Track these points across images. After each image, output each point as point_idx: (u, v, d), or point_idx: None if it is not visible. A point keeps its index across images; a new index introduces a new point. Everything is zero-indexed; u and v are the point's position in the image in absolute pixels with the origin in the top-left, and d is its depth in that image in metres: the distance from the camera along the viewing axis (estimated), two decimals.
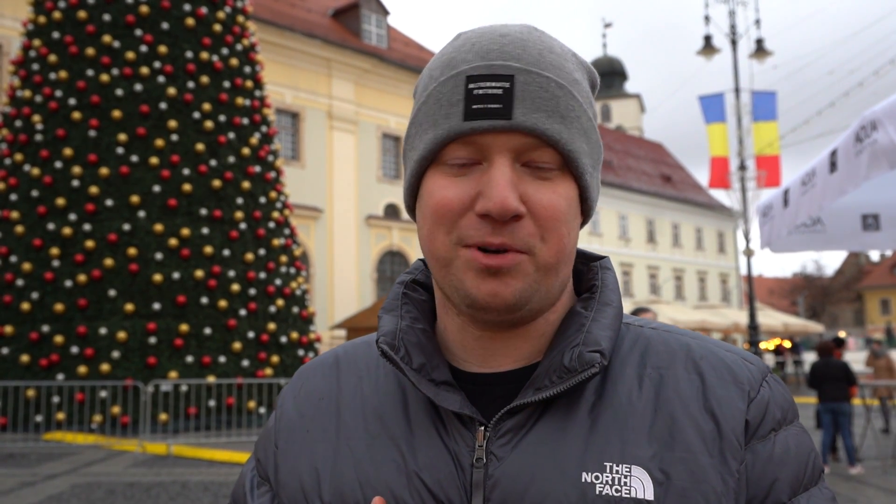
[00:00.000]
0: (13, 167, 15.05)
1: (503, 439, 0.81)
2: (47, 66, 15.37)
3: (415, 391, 0.88)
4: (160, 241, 14.44)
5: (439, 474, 0.81)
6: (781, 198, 5.31)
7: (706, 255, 59.67)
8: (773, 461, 0.81)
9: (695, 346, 0.87)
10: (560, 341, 0.84)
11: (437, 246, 0.82)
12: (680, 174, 63.69)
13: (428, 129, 0.83)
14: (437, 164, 0.83)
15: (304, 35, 30.11)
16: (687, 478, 0.78)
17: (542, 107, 0.79)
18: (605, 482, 0.77)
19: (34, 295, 13.98)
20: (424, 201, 0.83)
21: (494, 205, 0.77)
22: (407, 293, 0.93)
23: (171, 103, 15.23)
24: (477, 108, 0.79)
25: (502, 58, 0.80)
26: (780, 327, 28.48)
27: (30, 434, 12.90)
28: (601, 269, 0.93)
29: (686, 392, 0.83)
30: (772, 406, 0.84)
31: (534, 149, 0.80)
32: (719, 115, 23.04)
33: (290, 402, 0.96)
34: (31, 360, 13.60)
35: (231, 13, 16.76)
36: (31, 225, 14.49)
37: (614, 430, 0.81)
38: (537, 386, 0.82)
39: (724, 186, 22.98)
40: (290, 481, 0.89)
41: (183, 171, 14.94)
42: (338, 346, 1.00)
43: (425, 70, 0.88)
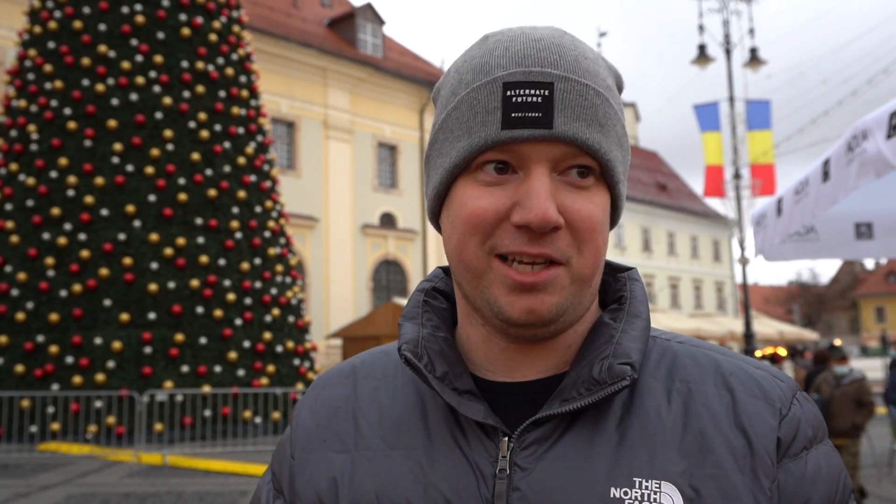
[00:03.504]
0: (8, 177, 15.04)
1: (528, 450, 0.80)
2: (43, 76, 15.38)
3: (434, 400, 0.86)
4: (155, 250, 14.43)
5: (458, 484, 0.80)
6: (775, 206, 5.33)
7: (701, 263, 59.74)
8: (806, 481, 0.80)
9: (724, 361, 0.86)
10: (589, 353, 0.83)
11: (468, 257, 0.80)
12: (675, 183, 63.81)
13: (461, 136, 0.80)
14: (470, 172, 0.81)
15: (299, 45, 30.16)
16: (718, 495, 0.76)
17: (581, 115, 0.78)
18: (635, 498, 0.76)
19: (29, 305, 13.95)
20: (455, 211, 0.81)
21: (535, 216, 0.75)
22: (427, 301, 0.92)
23: (167, 113, 15.24)
24: (516, 117, 0.77)
25: (540, 64, 0.78)
26: (776, 335, 28.51)
27: (24, 444, 12.85)
28: (629, 280, 0.91)
29: (716, 408, 0.81)
30: (803, 424, 0.82)
31: (572, 157, 0.79)
32: (714, 123, 23.12)
33: (307, 412, 0.94)
34: (25, 371, 13.56)
35: (227, 23, 16.79)
36: (26, 234, 14.47)
37: (643, 444, 0.79)
38: (564, 397, 0.81)
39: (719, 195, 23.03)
40: (306, 492, 0.87)
41: (178, 181, 14.94)
42: (354, 357, 0.99)
43: (451, 73, 0.86)
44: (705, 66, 23.33)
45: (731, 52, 22.64)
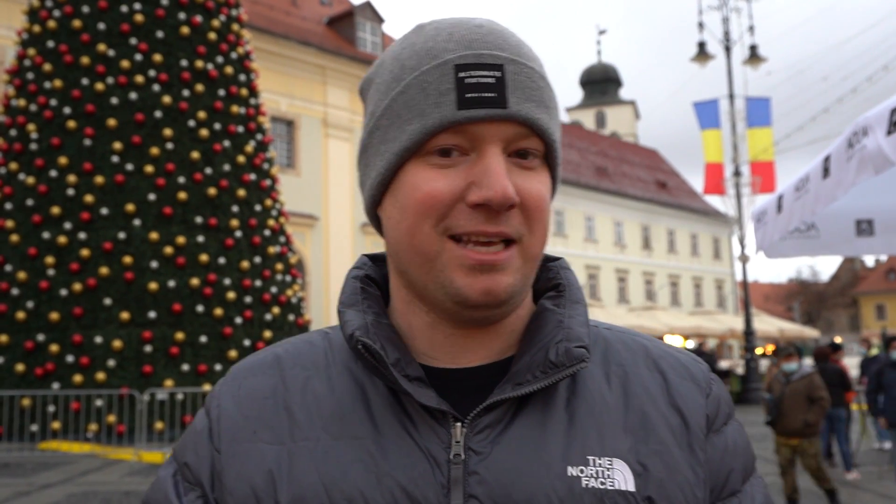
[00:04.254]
0: (8, 176, 15.03)
1: (482, 434, 0.81)
2: (42, 75, 15.37)
3: (375, 389, 0.85)
4: (155, 249, 14.42)
5: (413, 472, 0.79)
6: (775, 203, 5.33)
7: (701, 261, 59.75)
8: (728, 452, 0.87)
9: (650, 346, 0.92)
10: (539, 337, 0.85)
11: (420, 240, 0.80)
12: (675, 180, 63.79)
13: (412, 118, 0.80)
14: (420, 155, 0.81)
15: (299, 43, 30.15)
16: (663, 469, 0.81)
17: (531, 97, 0.80)
18: (590, 475, 0.79)
19: (29, 304, 13.95)
20: (407, 194, 0.81)
21: (496, 193, 0.76)
22: (364, 288, 0.91)
23: (167, 112, 15.23)
24: (471, 97, 0.78)
25: (488, 47, 0.80)
26: (776, 333, 28.50)
27: (25, 443, 12.86)
28: (561, 269, 0.94)
29: (652, 389, 0.86)
30: (722, 402, 0.90)
31: (523, 138, 0.80)
32: (714, 121, 23.13)
33: (230, 402, 0.89)
34: (26, 370, 13.56)
35: (226, 22, 16.78)
36: (26, 234, 14.47)
37: (592, 424, 0.82)
38: (517, 381, 0.82)
39: (719, 192, 23.05)
40: (238, 486, 0.83)
41: (178, 180, 14.93)
42: (273, 346, 0.95)
43: (388, 61, 0.86)
44: (705, 64, 23.33)
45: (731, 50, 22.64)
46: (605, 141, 61.29)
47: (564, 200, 49.34)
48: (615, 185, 54.53)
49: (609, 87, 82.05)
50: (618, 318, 24.26)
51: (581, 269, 49.81)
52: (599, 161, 56.18)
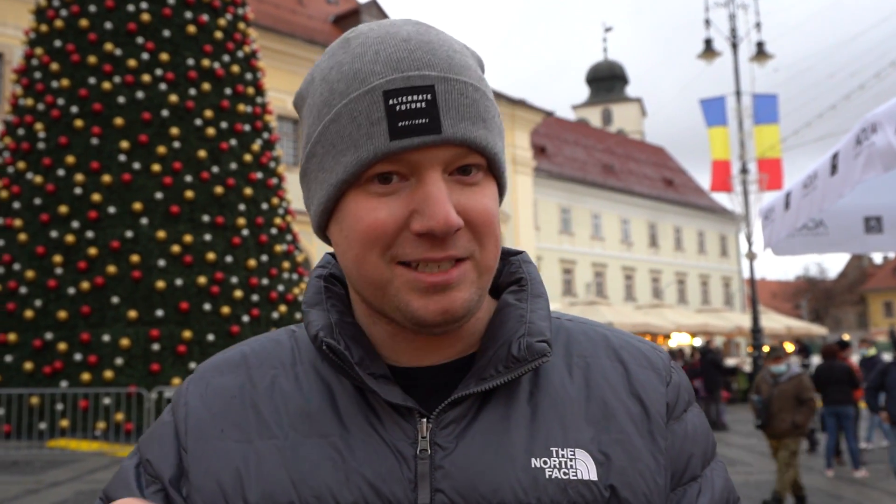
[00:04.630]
0: (16, 175, 15.08)
1: (447, 430, 0.82)
2: (49, 75, 15.41)
3: (342, 387, 0.86)
4: (163, 247, 14.46)
5: (381, 468, 0.80)
6: (783, 200, 5.32)
7: (708, 258, 59.65)
8: (688, 438, 0.89)
9: (611, 336, 0.93)
10: (502, 333, 0.86)
11: (369, 270, 0.80)
12: (682, 178, 63.68)
13: (345, 150, 0.78)
14: (360, 184, 0.79)
15: (305, 42, 30.16)
16: (624, 457, 0.83)
17: (465, 114, 0.78)
18: (554, 466, 0.81)
19: (37, 302, 13.99)
20: (350, 224, 0.80)
21: (437, 223, 0.76)
22: (328, 287, 0.91)
23: (173, 110, 15.26)
24: (403, 126, 0.76)
25: (416, 67, 0.77)
26: (784, 330, 28.44)
27: (34, 441, 12.90)
28: (524, 263, 0.94)
29: (613, 378, 0.88)
30: (682, 389, 0.92)
31: (462, 157, 0.79)
32: (721, 118, 23.07)
33: (197, 400, 0.89)
34: (34, 368, 13.60)
35: (232, 20, 16.80)
36: (34, 233, 14.51)
37: (554, 416, 0.84)
38: (481, 376, 0.83)
39: (726, 190, 22.99)
40: (205, 484, 0.83)
41: (185, 178, 14.96)
42: (240, 344, 0.95)
43: (317, 80, 0.84)
44: (712, 61, 23.27)
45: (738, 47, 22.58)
46: (611, 138, 61.20)
47: (571, 198, 49.30)
48: (622, 182, 54.45)
49: (615, 85, 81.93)
50: (625, 315, 24.22)
51: (588, 266, 49.76)
52: (606, 159, 56.11)
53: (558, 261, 48.04)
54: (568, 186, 49.08)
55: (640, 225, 54.55)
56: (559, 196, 48.61)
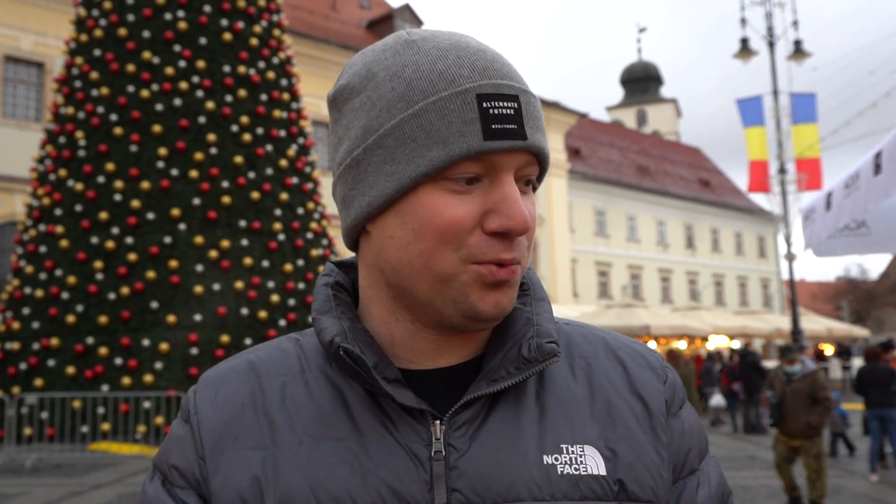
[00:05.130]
0: (57, 182, 15.34)
1: (460, 431, 0.84)
2: (89, 83, 15.66)
3: (353, 391, 0.87)
4: (201, 253, 14.61)
5: (397, 470, 0.82)
6: (824, 201, 5.24)
7: (746, 259, 58.97)
8: (686, 434, 0.93)
9: (608, 338, 0.97)
10: (510, 335, 0.89)
11: (439, 263, 0.82)
12: (718, 178, 63.06)
13: (431, 145, 0.81)
14: (435, 180, 0.82)
15: (339, 47, 30.34)
16: (630, 453, 0.87)
17: (538, 126, 0.85)
18: (565, 462, 0.84)
19: (79, 307, 14.22)
20: (421, 218, 0.82)
21: (517, 223, 0.81)
22: (336, 294, 0.93)
23: (210, 117, 15.43)
24: (496, 128, 0.81)
25: (502, 77, 0.83)
26: (824, 332, 27.99)
27: (76, 444, 13.10)
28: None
29: (614, 378, 0.92)
30: (677, 388, 0.96)
31: (529, 166, 0.85)
32: (758, 118, 22.79)
33: (208, 410, 0.90)
34: (76, 372, 13.82)
35: (267, 27, 16.95)
36: (76, 239, 14.74)
37: (562, 414, 0.87)
38: (492, 378, 0.86)
39: (763, 190, 22.71)
40: (224, 492, 0.84)
41: (222, 184, 15.11)
42: (244, 352, 0.96)
43: (383, 77, 0.85)
44: (748, 60, 23.01)
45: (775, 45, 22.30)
46: (646, 140, 60.79)
47: (606, 200, 49.02)
48: (657, 184, 54.04)
49: (650, 86, 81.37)
50: (661, 318, 23.99)
51: (623, 269, 49.44)
52: (641, 160, 55.74)
53: (594, 263, 47.78)
54: (603, 188, 48.80)
55: (677, 226, 54.07)
56: (594, 198, 48.35)
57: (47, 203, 15.25)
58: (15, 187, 25.23)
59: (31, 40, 26.42)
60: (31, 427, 13.51)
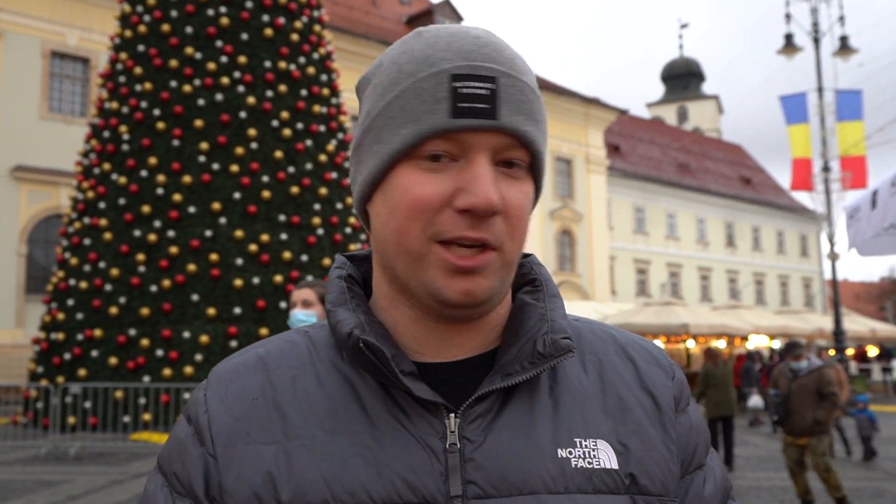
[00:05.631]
0: (102, 176, 15.59)
1: (475, 423, 0.84)
2: (133, 79, 15.89)
3: (365, 384, 0.87)
4: (241, 246, 14.77)
5: (412, 462, 0.82)
6: (869, 199, 5.15)
7: (788, 258, 58.14)
8: (693, 429, 0.95)
9: (617, 335, 0.98)
10: (525, 330, 0.89)
11: (409, 240, 0.83)
12: (760, 176, 62.24)
13: (406, 123, 0.83)
14: (411, 158, 0.84)
15: (378, 42, 30.42)
16: (641, 447, 0.88)
17: (521, 110, 0.83)
18: (578, 456, 0.85)
19: (122, 299, 14.45)
20: (397, 196, 0.84)
21: (480, 200, 0.80)
22: (350, 287, 0.93)
23: (251, 112, 15.57)
24: (464, 107, 0.81)
25: (483, 59, 0.83)
26: (868, 333, 27.50)
27: (118, 434, 13.34)
28: (534, 265, 0.98)
29: (624, 374, 0.93)
30: (684, 385, 0.97)
31: (510, 149, 0.84)
32: (802, 115, 22.43)
33: (218, 406, 0.88)
34: (119, 363, 14.06)
35: (308, 23, 17.06)
36: (119, 232, 14.98)
37: (574, 409, 0.88)
38: (507, 371, 0.86)
39: (806, 188, 22.36)
40: (238, 488, 0.83)
41: (262, 179, 15.25)
42: (253, 346, 0.96)
43: (387, 63, 0.88)
44: (792, 56, 22.66)
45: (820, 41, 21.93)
46: (687, 137, 60.16)
47: (645, 197, 48.62)
48: (698, 181, 53.47)
49: (691, 82, 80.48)
50: (701, 316, 23.73)
51: (662, 267, 49.02)
52: (681, 157, 55.18)
53: (632, 261, 47.43)
54: (642, 185, 48.41)
55: (717, 224, 53.47)
56: (633, 195, 47.98)
57: (91, 196, 15.51)
58: (60, 181, 25.72)
59: (77, 36, 26.89)
60: (75, 416, 13.78)
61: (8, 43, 25.77)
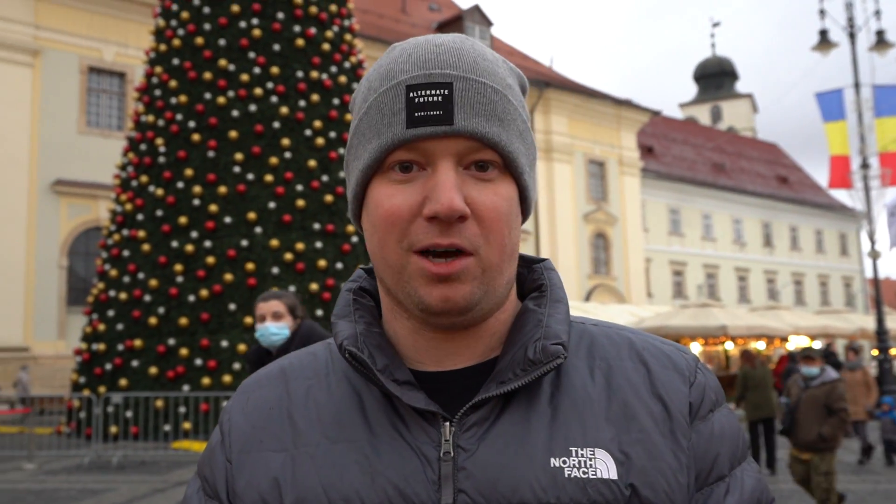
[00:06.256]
0: (139, 188, 15.81)
1: (469, 432, 0.85)
2: (168, 92, 16.10)
3: (370, 393, 0.89)
4: (276, 255, 14.88)
5: (405, 470, 0.83)
6: None
7: (827, 258, 57.30)
8: (714, 438, 0.89)
9: (635, 339, 0.95)
10: (520, 337, 0.88)
11: (388, 253, 0.84)
12: (797, 175, 61.46)
13: (371, 138, 0.85)
14: (382, 172, 0.85)
15: None
16: (645, 456, 0.84)
17: (480, 111, 0.83)
18: (573, 465, 0.83)
19: (160, 310, 14.62)
20: (372, 211, 0.86)
21: (442, 206, 0.80)
22: (357, 299, 0.95)
23: (284, 122, 15.70)
24: (419, 116, 0.82)
25: (439, 66, 0.83)
26: None
27: (159, 442, 13.49)
28: (546, 270, 0.97)
29: (634, 380, 0.90)
30: (708, 390, 0.92)
31: (475, 151, 0.83)
32: (838, 112, 22.13)
33: (239, 415, 0.94)
34: (159, 372, 14.22)
35: (339, 32, 17.18)
36: (157, 243, 15.17)
37: (574, 417, 0.86)
38: (501, 380, 0.86)
39: (845, 186, 22.04)
40: (247, 494, 0.88)
41: (296, 188, 15.36)
42: (280, 359, 1.00)
43: (363, 82, 0.91)
44: (828, 52, 22.36)
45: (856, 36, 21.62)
46: (721, 136, 59.59)
47: (680, 198, 48.23)
48: (733, 181, 52.93)
49: (724, 81, 79.73)
50: (739, 318, 23.45)
51: (699, 268, 48.55)
52: (716, 157, 54.67)
53: (668, 262, 47.03)
54: (677, 186, 48.01)
55: (754, 224, 52.86)
56: (668, 196, 47.60)
57: (130, 208, 15.73)
58: (99, 193, 26.14)
59: (113, 51, 27.34)
60: (117, 425, 13.96)
61: (47, 60, 26.27)
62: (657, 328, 20.97)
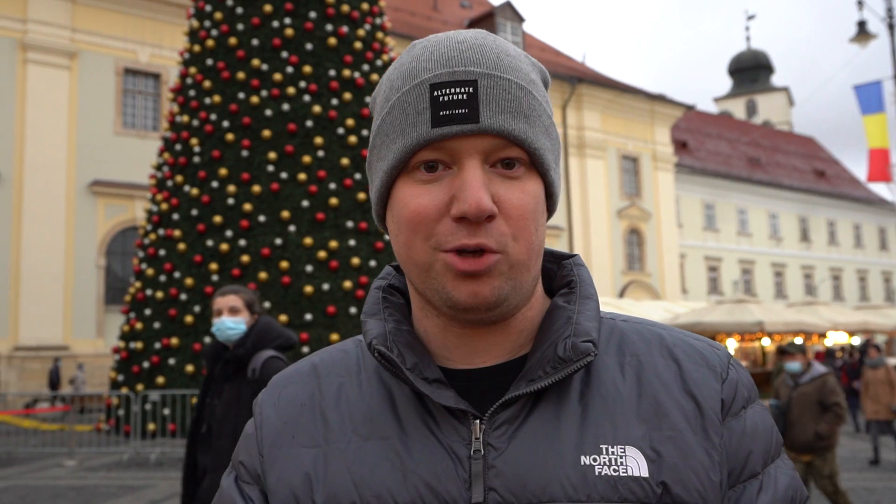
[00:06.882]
0: (174, 188, 15.97)
1: (499, 430, 0.85)
2: (202, 92, 16.24)
3: (401, 391, 0.90)
4: (310, 253, 14.95)
5: (436, 468, 0.83)
6: None
7: (866, 252, 56.44)
8: (747, 435, 0.88)
9: (666, 335, 0.94)
10: (550, 334, 0.88)
11: (416, 253, 0.84)
12: (834, 168, 60.59)
13: (396, 138, 0.84)
14: (407, 172, 0.85)
15: None
16: (676, 454, 0.84)
17: (506, 108, 0.82)
18: (603, 463, 0.82)
19: (196, 308, 14.76)
20: (398, 211, 0.86)
21: (470, 206, 0.79)
22: (386, 297, 0.96)
23: (317, 121, 15.76)
24: (444, 115, 0.81)
25: (463, 63, 0.83)
26: None
27: None
28: (575, 266, 0.97)
29: (665, 376, 0.89)
30: (740, 386, 0.91)
31: (501, 149, 0.83)
32: (877, 104, 21.79)
33: (271, 409, 0.95)
34: (195, 370, 14.36)
35: (370, 30, 17.21)
36: (192, 242, 15.31)
37: (605, 414, 0.86)
38: (530, 377, 0.85)
39: (884, 180, 21.69)
40: (279, 488, 0.89)
41: (329, 186, 15.42)
42: (311, 356, 1.01)
43: (384, 81, 0.90)
44: (866, 44, 22.00)
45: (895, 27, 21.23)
46: (756, 130, 58.92)
47: (715, 193, 47.75)
48: (769, 175, 52.30)
49: (760, 75, 78.79)
50: (775, 314, 23.16)
51: (734, 263, 48.05)
52: (751, 151, 54.05)
53: (703, 258, 46.59)
54: (711, 181, 47.53)
55: (790, 219, 52.19)
56: (702, 192, 47.15)
57: (165, 208, 15.90)
58: (136, 193, 26.47)
59: (149, 53, 27.66)
60: (155, 423, 14.13)
61: (83, 62, 26.64)
62: (692, 324, 20.78)
